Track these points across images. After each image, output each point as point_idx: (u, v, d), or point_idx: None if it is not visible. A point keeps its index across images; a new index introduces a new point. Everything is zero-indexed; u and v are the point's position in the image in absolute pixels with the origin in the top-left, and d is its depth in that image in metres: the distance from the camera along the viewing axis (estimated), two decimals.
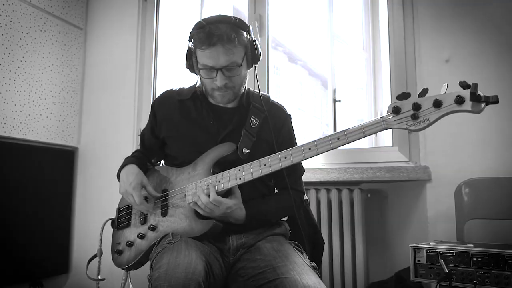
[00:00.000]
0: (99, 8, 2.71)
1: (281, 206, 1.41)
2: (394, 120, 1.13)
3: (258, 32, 2.35)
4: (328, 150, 1.19)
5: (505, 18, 1.84)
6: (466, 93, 1.04)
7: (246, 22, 1.36)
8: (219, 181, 1.27)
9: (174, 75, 2.69)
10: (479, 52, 1.85)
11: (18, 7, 2.27)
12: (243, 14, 2.48)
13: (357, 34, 2.78)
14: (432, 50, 1.95)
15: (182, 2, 2.91)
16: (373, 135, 2.54)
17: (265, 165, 1.23)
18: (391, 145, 2.11)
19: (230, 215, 1.27)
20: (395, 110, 1.12)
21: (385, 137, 2.42)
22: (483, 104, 1.03)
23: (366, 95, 2.62)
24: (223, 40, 1.24)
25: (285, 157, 1.22)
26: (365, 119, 2.50)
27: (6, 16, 2.20)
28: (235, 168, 1.27)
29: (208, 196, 1.23)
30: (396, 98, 1.14)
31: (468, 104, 1.05)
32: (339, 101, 2.43)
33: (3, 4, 2.19)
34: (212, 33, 1.24)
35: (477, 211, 1.68)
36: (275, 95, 1.59)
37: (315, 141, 1.20)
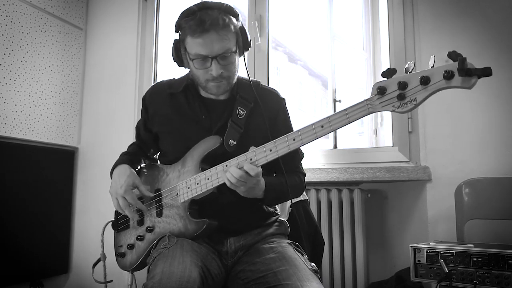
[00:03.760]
0: (99, 8, 2.71)
1: (292, 183, 1.34)
2: (380, 103, 1.03)
3: (258, 32, 2.35)
4: (313, 140, 1.11)
5: (505, 19, 1.84)
6: (455, 66, 0.93)
7: (246, 22, 1.33)
8: (208, 179, 1.22)
9: (174, 75, 2.68)
10: (480, 52, 1.85)
11: (18, 7, 2.27)
12: (243, 14, 2.47)
13: (357, 34, 2.78)
14: (432, 50, 1.95)
15: (182, 2, 2.90)
16: (374, 135, 2.55)
17: (251, 159, 1.15)
18: (391, 145, 2.11)
19: (256, 185, 1.19)
20: (380, 91, 1.02)
21: (386, 137, 2.42)
22: (474, 79, 0.92)
23: (366, 95, 2.61)
24: (218, 26, 1.18)
25: (270, 150, 1.14)
26: (365, 119, 2.50)
27: (7, 16, 2.20)
28: (222, 164, 1.20)
29: (240, 168, 1.14)
30: (381, 74, 1.03)
31: (457, 80, 0.93)
32: (339, 101, 2.43)
33: (3, 4, 2.19)
34: (204, 19, 1.17)
35: (477, 211, 1.67)
36: None
37: (299, 130, 1.12)
